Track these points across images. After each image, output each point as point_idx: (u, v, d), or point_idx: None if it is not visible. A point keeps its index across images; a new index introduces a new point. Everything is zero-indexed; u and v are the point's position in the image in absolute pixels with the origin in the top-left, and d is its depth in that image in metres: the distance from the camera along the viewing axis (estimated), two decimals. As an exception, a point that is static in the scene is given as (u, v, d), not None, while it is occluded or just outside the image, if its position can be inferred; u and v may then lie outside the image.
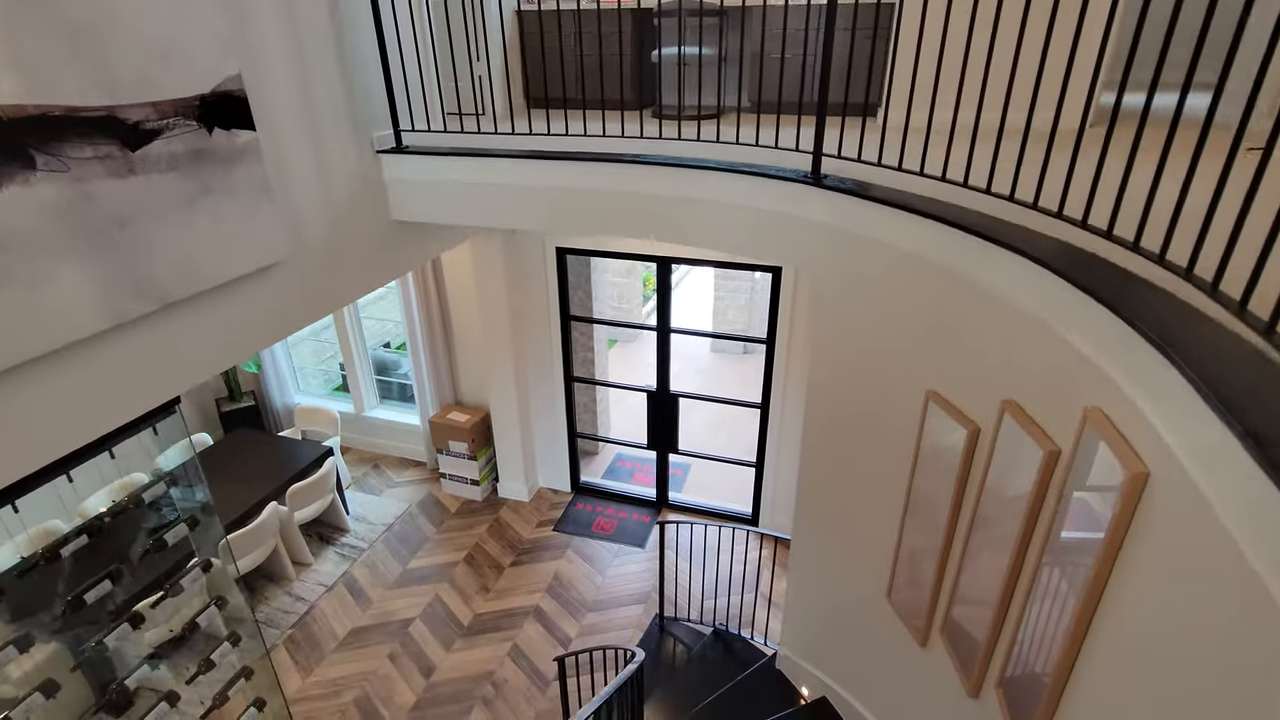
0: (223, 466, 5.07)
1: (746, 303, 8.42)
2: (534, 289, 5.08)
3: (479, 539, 5.31)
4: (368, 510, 5.63)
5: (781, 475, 5.08)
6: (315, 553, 5.18)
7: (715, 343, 8.74)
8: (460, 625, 4.55)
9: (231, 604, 3.27)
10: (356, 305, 5.96)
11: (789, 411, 4.85)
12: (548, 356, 5.31)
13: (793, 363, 4.69)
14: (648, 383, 5.19)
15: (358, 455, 6.36)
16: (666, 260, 4.70)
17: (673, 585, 4.83)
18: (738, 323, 8.54)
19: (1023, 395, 1.84)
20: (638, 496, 5.69)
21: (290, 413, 6.31)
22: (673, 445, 5.32)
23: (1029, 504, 1.77)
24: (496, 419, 5.48)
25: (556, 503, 5.71)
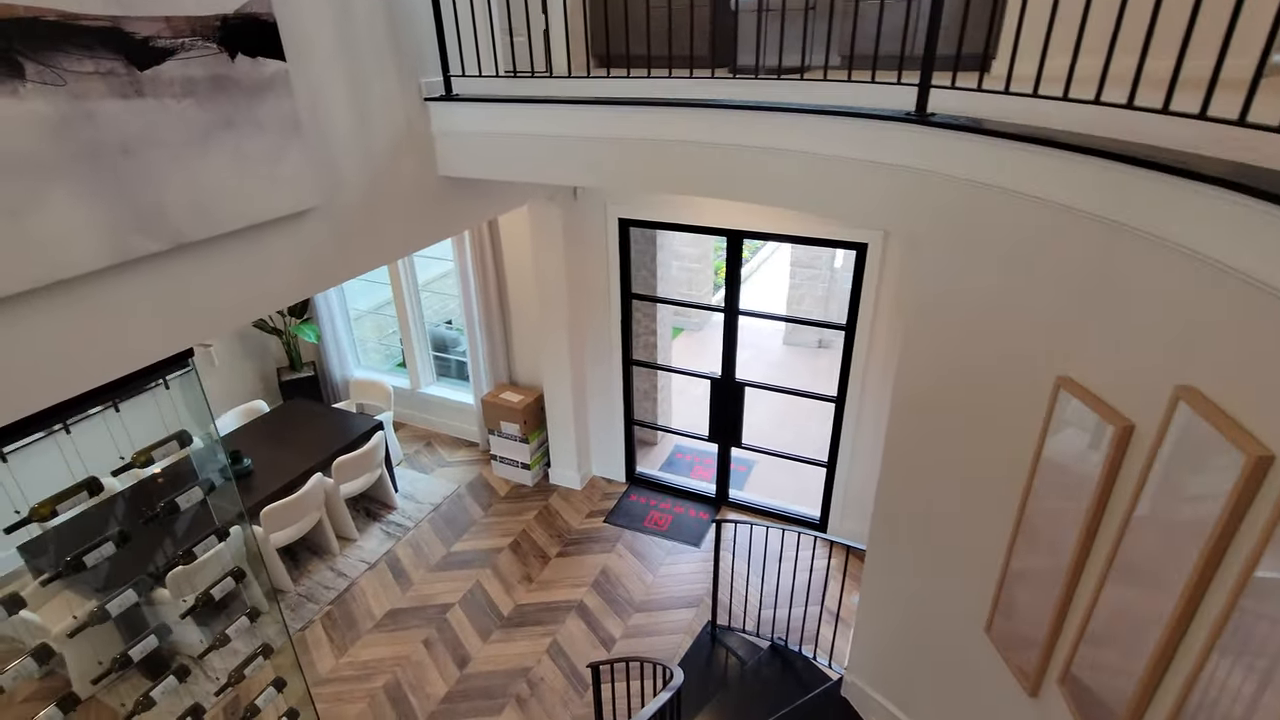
0: (274, 434, 5.00)
1: (824, 293, 7.87)
2: (594, 262, 4.76)
3: (526, 526, 5.05)
4: (417, 488, 5.46)
5: (855, 477, 4.58)
6: (361, 528, 5.04)
7: (788, 335, 8.22)
8: (500, 615, 4.29)
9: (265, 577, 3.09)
10: (416, 279, 5.81)
11: (867, 407, 4.34)
12: (605, 337, 4.98)
13: (874, 353, 4.19)
14: (712, 370, 4.79)
15: (411, 432, 6.23)
16: (738, 234, 4.28)
17: (728, 590, 4.42)
18: (814, 314, 7.99)
19: (1211, 381, 1.35)
20: (696, 492, 5.30)
21: (347, 385, 6.23)
22: (736, 439, 4.91)
23: (1217, 528, 1.29)
24: (550, 401, 5.20)
25: (609, 493, 5.39)
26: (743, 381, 4.71)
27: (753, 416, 6.56)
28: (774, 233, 4.14)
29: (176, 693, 2.80)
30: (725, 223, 4.23)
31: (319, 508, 4.62)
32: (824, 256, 7.75)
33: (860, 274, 4.02)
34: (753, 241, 12.40)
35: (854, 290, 4.09)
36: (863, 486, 4.58)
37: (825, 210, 2.49)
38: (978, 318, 2.09)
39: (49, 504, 2.14)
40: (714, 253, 8.83)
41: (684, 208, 4.30)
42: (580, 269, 4.80)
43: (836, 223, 3.93)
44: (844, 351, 4.30)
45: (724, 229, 4.27)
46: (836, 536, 4.77)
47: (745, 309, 4.49)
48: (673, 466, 5.77)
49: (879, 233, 3.84)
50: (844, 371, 4.35)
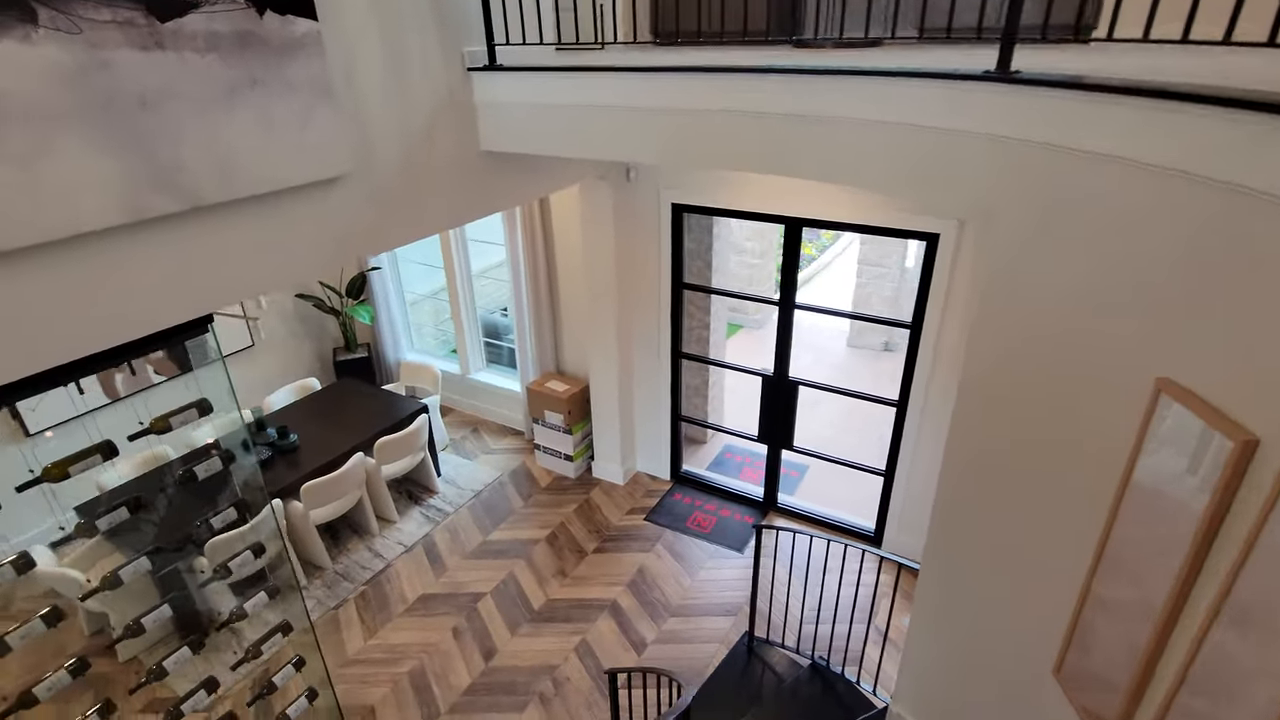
0: (322, 412, 5.03)
1: (893, 293, 7.44)
2: (644, 249, 4.57)
3: (565, 519, 4.92)
4: (459, 474, 5.42)
5: (914, 489, 4.24)
6: (401, 511, 5.02)
7: (853, 336, 7.83)
8: (530, 609, 4.17)
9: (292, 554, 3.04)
10: (469, 263, 5.77)
11: (931, 413, 4.00)
12: (654, 327, 4.79)
13: (941, 354, 3.84)
14: (765, 367, 4.53)
15: (460, 418, 6.20)
16: (797, 223, 4.00)
17: (770, 601, 4.16)
18: (883, 313, 7.57)
19: (1372, 385, 1.05)
20: (743, 494, 5.05)
21: (399, 367, 6.26)
22: (786, 441, 4.63)
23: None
24: (596, 391, 5.05)
25: (653, 490, 5.20)
26: (796, 380, 4.43)
27: (812, 420, 6.25)
28: (837, 221, 3.85)
29: (194, 662, 2.79)
30: (785, 209, 3.97)
31: (360, 487, 4.62)
32: (894, 255, 7.33)
33: (930, 267, 3.69)
34: (820, 239, 11.97)
35: (922, 285, 3.76)
36: (922, 499, 4.23)
37: (893, 186, 2.23)
38: (1060, 308, 1.79)
39: (62, 465, 2.11)
40: (777, 249, 8.50)
41: (741, 193, 4.06)
42: (630, 255, 4.63)
43: (907, 211, 3.61)
44: (908, 352, 3.97)
45: (783, 216, 4.01)
46: (891, 553, 4.44)
47: (802, 303, 4.21)
48: (721, 467, 5.53)
49: (953, 222, 3.51)
50: (907, 374, 4.01)
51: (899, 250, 7.30)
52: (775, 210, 4.00)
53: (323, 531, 4.81)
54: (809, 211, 3.90)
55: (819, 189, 3.80)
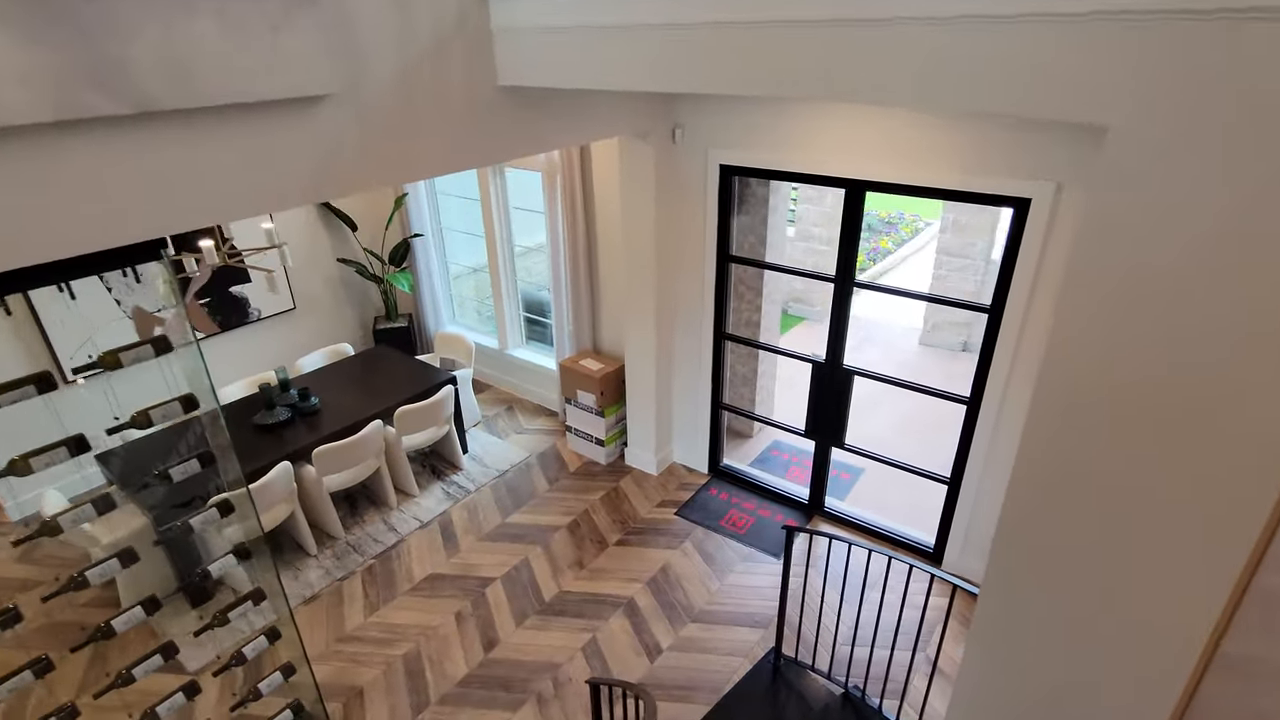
0: (351, 377, 4.87)
1: (976, 288, 6.74)
2: (689, 217, 4.16)
3: (590, 506, 4.57)
4: (486, 451, 5.16)
5: (983, 501, 3.67)
6: (423, 485, 4.80)
7: (925, 333, 7.16)
8: (540, 600, 3.84)
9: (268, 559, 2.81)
10: (510, 232, 5.50)
11: (1009, 415, 3.43)
12: (697, 304, 4.38)
13: (1025, 345, 3.27)
14: (816, 353, 4.05)
15: (495, 395, 5.96)
16: (861, 186, 3.51)
17: (804, 614, 3.69)
18: (959, 311, 6.88)
19: None
20: (786, 494, 4.57)
21: (435, 339, 6.07)
22: (837, 436, 4.13)
23: None
24: (631, 372, 4.68)
25: (688, 483, 4.79)
26: (851, 369, 3.92)
27: (869, 422, 5.69)
28: (908, 184, 3.33)
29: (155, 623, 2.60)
30: (848, 170, 3.48)
31: (378, 456, 4.41)
32: (978, 244, 6.63)
33: (1016, 240, 3.13)
34: (899, 232, 11.19)
35: (1006, 262, 3.20)
36: (992, 513, 3.66)
37: (980, 103, 1.74)
38: (1196, 264, 1.29)
39: (25, 458, 1.91)
40: (848, 237, 7.90)
41: (798, 153, 3.59)
42: (673, 223, 4.23)
43: (992, 173, 3.07)
44: (984, 341, 3.41)
45: (845, 179, 3.52)
46: (951, 572, 3.88)
47: (864, 281, 3.70)
48: (766, 464, 5.07)
49: (1049, 184, 2.94)
50: (982, 366, 3.46)
51: (984, 239, 6.59)
52: (836, 172, 3.51)
53: (340, 500, 4.64)
54: (875, 173, 3.40)
55: (889, 146, 3.30)
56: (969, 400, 3.57)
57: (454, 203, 5.93)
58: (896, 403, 6.02)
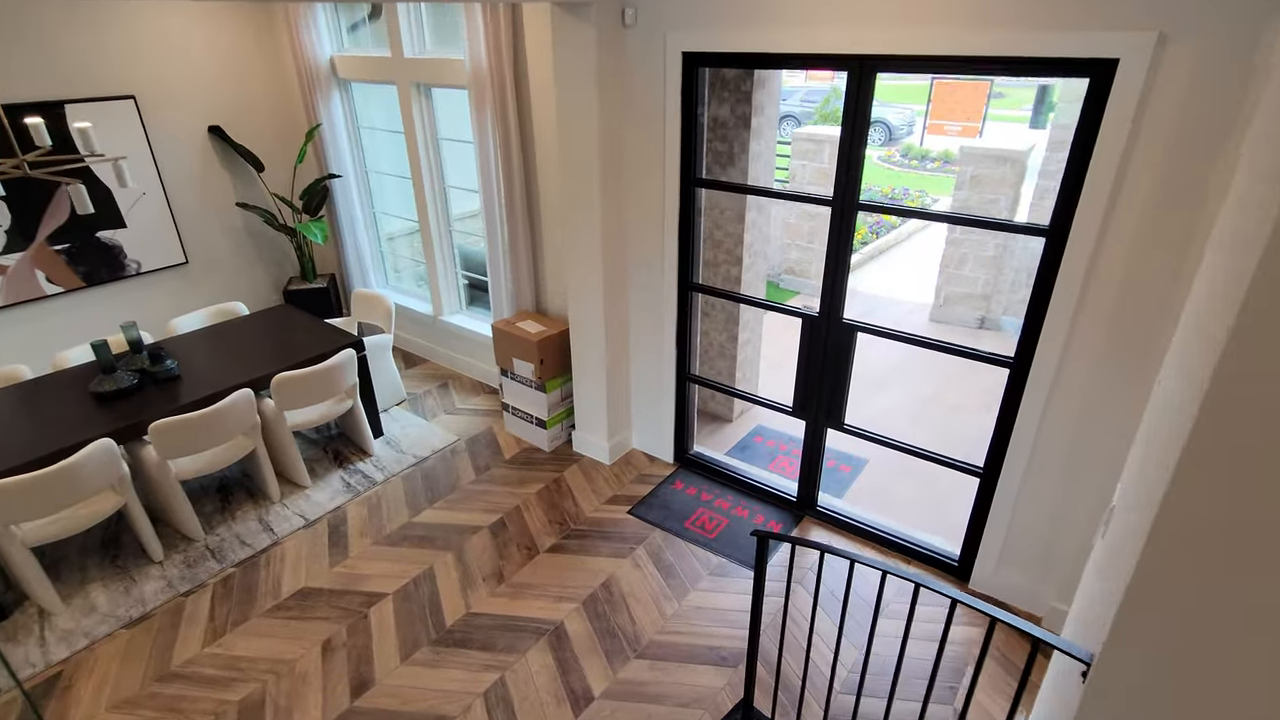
0: (232, 340, 3.93)
1: (996, 253, 5.80)
2: (644, 126, 3.22)
3: (523, 502, 3.64)
4: (406, 434, 4.23)
5: (1031, 500, 2.74)
6: (318, 474, 3.86)
7: (938, 309, 6.22)
8: (439, 625, 2.91)
9: None
10: (440, 166, 4.56)
11: (1072, 381, 2.50)
12: (656, 243, 3.44)
13: (1101, 284, 2.34)
14: (808, 306, 3.12)
15: (430, 370, 5.03)
16: (872, 63, 2.57)
17: (779, 647, 2.76)
18: (976, 282, 5.95)
19: None
20: (769, 489, 3.64)
21: (351, 300, 5.13)
22: (834, 415, 3.20)
23: None
24: (576, 335, 3.75)
25: (647, 475, 3.85)
26: (853, 323, 2.99)
27: (873, 406, 4.77)
28: (933, 54, 2.40)
29: None
30: (850, 45, 2.54)
31: (250, 435, 3.47)
32: (1001, 201, 5.69)
33: (1092, 128, 2.20)
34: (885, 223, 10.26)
35: (1074, 163, 2.27)
36: (1048, 519, 2.73)
37: None
38: None
39: None
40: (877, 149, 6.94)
41: (785, 29, 2.65)
42: (623, 135, 3.29)
43: (1049, 27, 2.14)
44: (1038, 280, 2.48)
45: (847, 55, 2.58)
46: (983, 591, 2.96)
47: (868, 201, 2.76)
48: (747, 452, 4.14)
49: (1147, 35, 2.01)
50: (1034, 316, 2.52)
51: (1008, 194, 5.66)
52: (836, 48, 2.57)
53: (211, 493, 3.71)
54: (888, 44, 2.46)
55: (900, 7, 2.37)
56: (1013, 362, 2.64)
57: (381, 141, 4.99)
58: (907, 383, 5.09)
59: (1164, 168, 2.11)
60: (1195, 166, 2.06)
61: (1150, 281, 2.24)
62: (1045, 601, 2.83)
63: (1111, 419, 2.45)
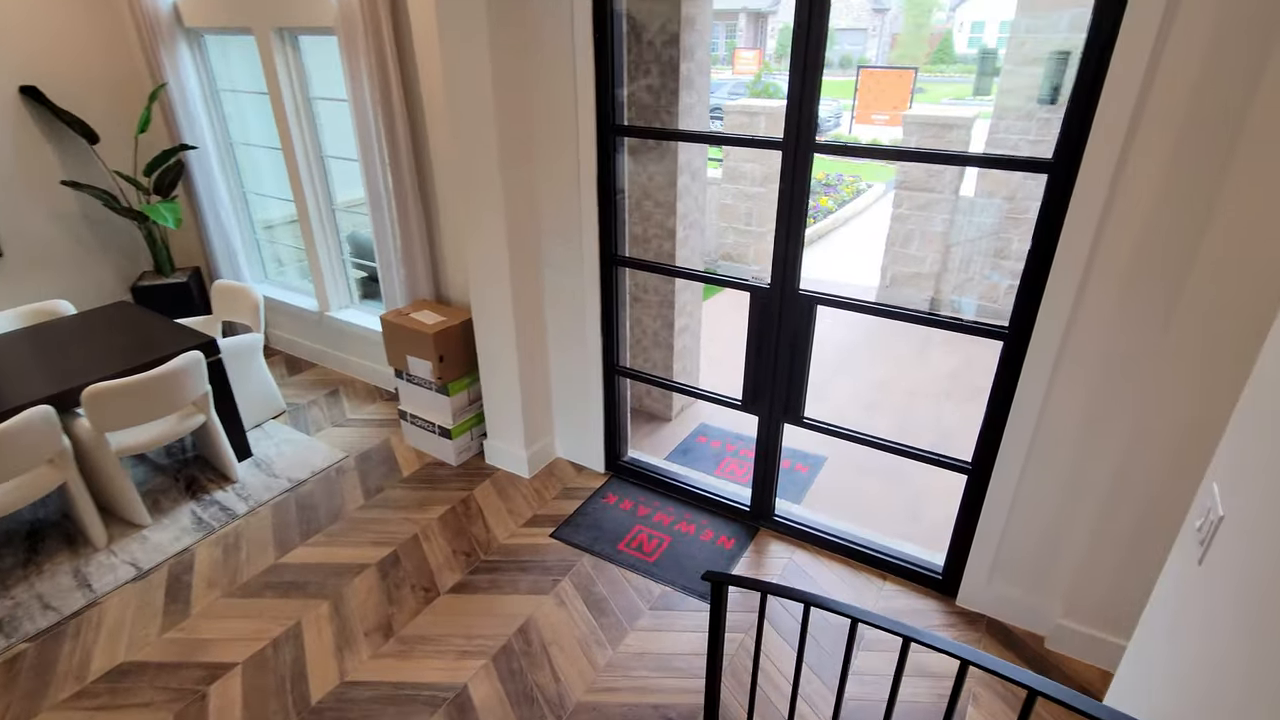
0: (45, 345, 3.12)
1: (944, 228, 5.46)
2: (548, 66, 2.63)
3: (422, 531, 2.99)
4: (281, 454, 3.49)
5: (1031, 500, 2.28)
6: (163, 510, 3.10)
7: (883, 290, 5.84)
8: (302, 702, 2.23)
9: None
10: (317, 135, 3.83)
11: (1092, 353, 2.04)
12: (571, 209, 2.85)
13: (1119, 228, 1.88)
14: (757, 276, 2.59)
15: (319, 376, 4.28)
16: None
17: (748, 700, 2.21)
18: (924, 261, 5.60)
19: None
20: (718, 498, 3.09)
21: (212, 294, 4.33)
22: (791, 407, 2.68)
23: None
24: (481, 325, 3.12)
25: (575, 488, 3.26)
26: (812, 294, 2.47)
27: (825, 398, 4.31)
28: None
29: None
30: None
31: (58, 465, 2.69)
32: (946, 175, 5.35)
33: (1110, 24, 1.73)
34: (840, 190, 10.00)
35: (1088, 70, 1.80)
36: (1049, 519, 2.28)
37: None
38: None
39: None
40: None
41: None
42: (524, 76, 2.68)
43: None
44: (1038, 233, 2.01)
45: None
46: (977, 610, 2.49)
47: (826, 142, 2.23)
48: (690, 455, 3.59)
49: (1187, -111, 1.55)
50: (1034, 274, 2.05)
51: (953, 169, 5.32)
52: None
53: (15, 542, 2.90)
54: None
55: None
56: (1008, 333, 2.17)
57: (248, 106, 4.21)
58: (857, 370, 4.66)
59: (1203, 69, 1.65)
60: (1250, 58, 1.61)
61: (1184, 225, 1.79)
62: (1049, 618, 2.38)
63: (1138, 397, 2.01)
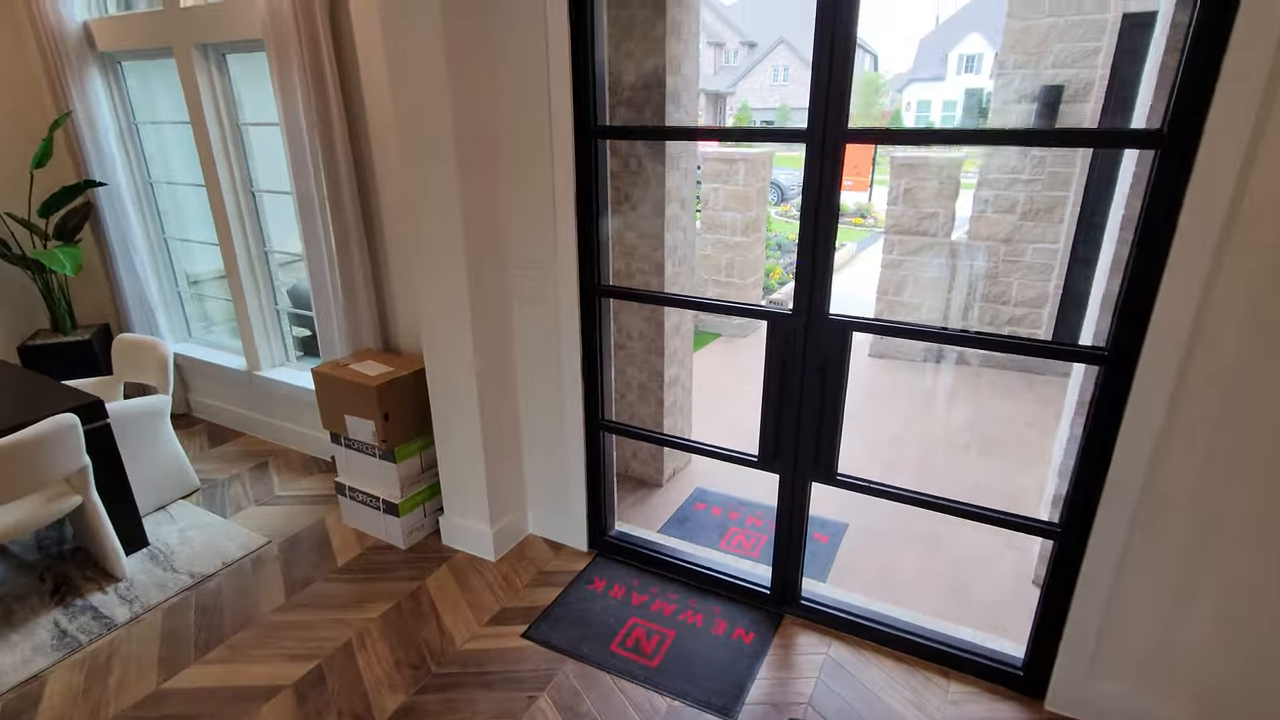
0: (-128, 414, 2.47)
1: (938, 274, 5.14)
2: (515, 62, 2.20)
3: (358, 634, 2.34)
4: (187, 542, 2.83)
5: (1146, 570, 1.78)
6: (20, 619, 2.41)
7: (876, 342, 5.47)
8: None
9: None
10: (248, 167, 3.35)
11: (1216, 372, 1.59)
12: (545, 230, 2.37)
13: (1260, 222, 1.47)
14: (779, 302, 2.12)
15: (247, 446, 3.65)
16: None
17: None
18: (919, 309, 5.26)
19: None
20: (727, 577, 2.52)
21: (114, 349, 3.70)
22: (823, 464, 2.17)
23: None
24: (435, 375, 2.57)
25: (552, 572, 2.66)
26: (844, 319, 2.00)
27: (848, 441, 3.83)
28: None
29: None
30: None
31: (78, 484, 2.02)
32: (940, 215, 5.08)
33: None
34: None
35: (1210, 16, 1.43)
36: (1169, 597, 1.77)
37: None
38: None
39: None
40: (773, 217, 6.18)
41: None
42: (485, 74, 2.25)
43: None
44: (1142, 230, 1.59)
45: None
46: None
47: (859, 128, 1.82)
48: (687, 527, 3.03)
49: None
50: (1138, 290, 1.62)
51: (945, 207, 5.05)
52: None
53: None
54: None
55: None
56: (1106, 355, 1.71)
57: (172, 140, 3.72)
58: (867, 424, 4.21)
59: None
60: None
61: (1344, 200, 1.38)
62: (1174, 728, 1.85)
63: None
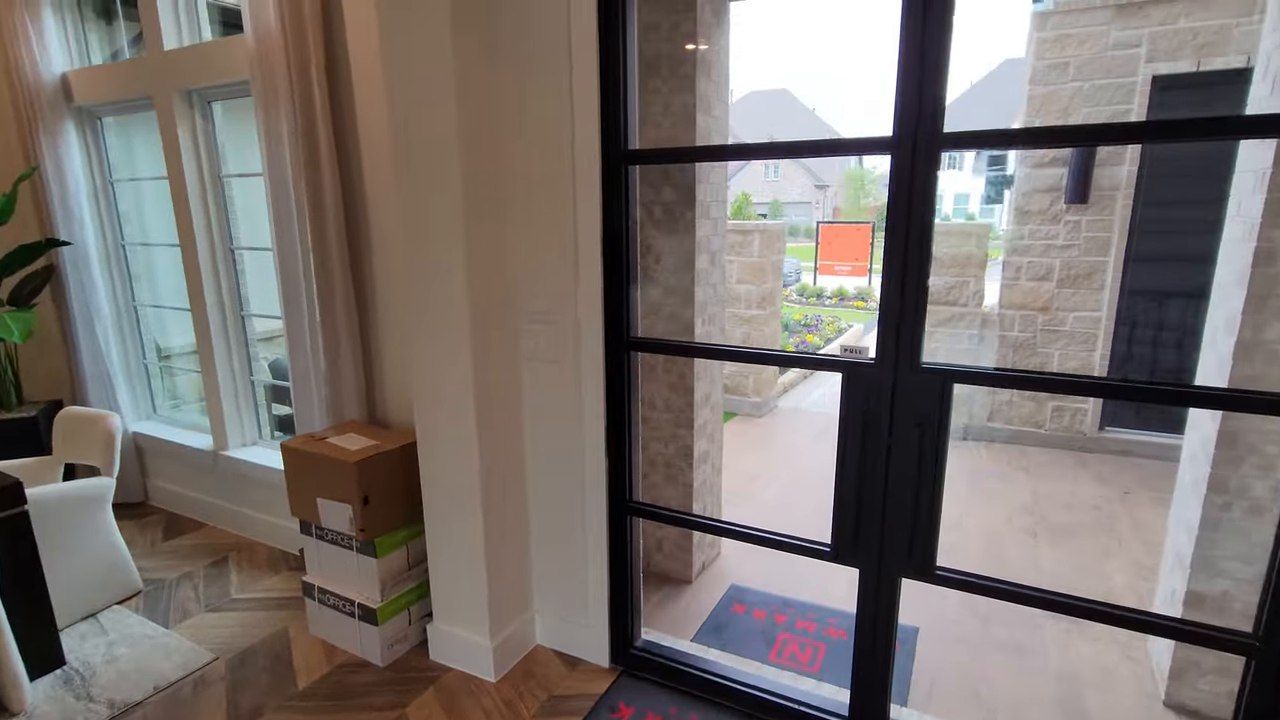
0: None
1: (967, 348, 4.79)
2: (532, 76, 1.91)
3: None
4: (112, 662, 2.30)
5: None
6: (-123, 771, 1.86)
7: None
8: None
9: None
10: (228, 224, 3.03)
11: None
12: (563, 274, 2.01)
13: None
14: (861, 349, 1.73)
15: (208, 539, 3.15)
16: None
17: None
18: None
19: None
20: (792, 705, 2.00)
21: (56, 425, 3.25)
22: (919, 556, 1.71)
23: None
24: (428, 448, 2.14)
25: (567, 696, 2.13)
26: (942, 368, 1.60)
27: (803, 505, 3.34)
28: None
29: None
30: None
31: None
32: (970, 284, 4.78)
33: None
34: (819, 329, 9.52)
35: None
36: None
37: None
38: None
39: None
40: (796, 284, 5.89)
41: None
42: (493, 89, 1.95)
43: None
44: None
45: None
46: None
47: (959, 131, 1.49)
48: (726, 635, 2.51)
49: None
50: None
51: (975, 274, 4.76)
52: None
53: None
54: None
55: None
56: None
57: (150, 199, 3.44)
58: (820, 489, 3.70)
59: None
60: None
61: None
62: None
63: None
